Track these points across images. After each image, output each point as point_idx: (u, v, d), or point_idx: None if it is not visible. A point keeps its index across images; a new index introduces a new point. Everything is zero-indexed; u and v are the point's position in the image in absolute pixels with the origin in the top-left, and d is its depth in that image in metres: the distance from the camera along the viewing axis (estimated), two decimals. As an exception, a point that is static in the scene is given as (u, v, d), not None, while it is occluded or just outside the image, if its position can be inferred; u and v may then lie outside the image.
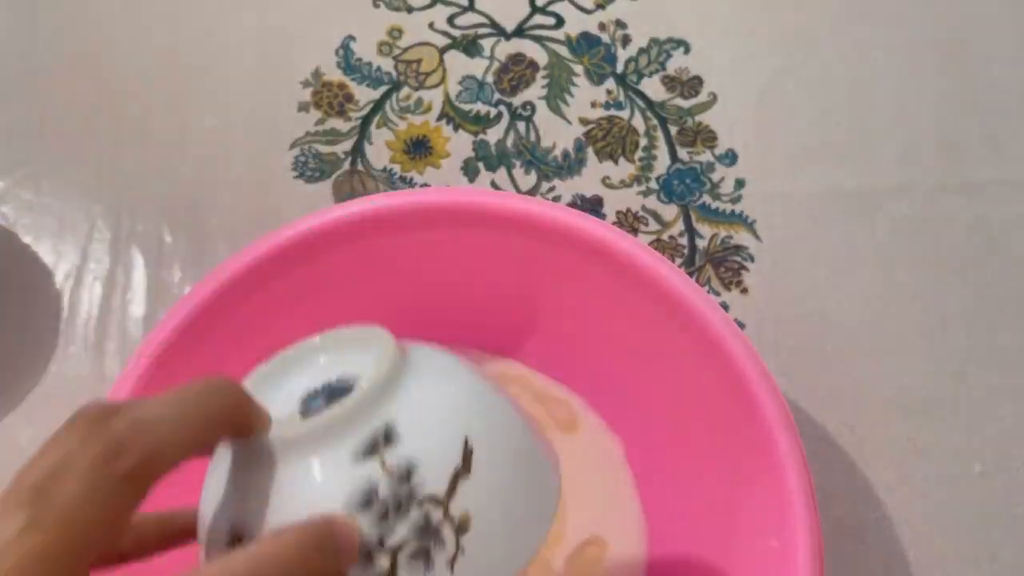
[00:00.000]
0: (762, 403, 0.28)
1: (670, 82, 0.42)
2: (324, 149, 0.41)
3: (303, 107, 0.41)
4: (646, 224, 0.40)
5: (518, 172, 0.40)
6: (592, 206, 0.40)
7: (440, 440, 0.19)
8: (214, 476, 0.21)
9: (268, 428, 0.19)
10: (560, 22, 0.43)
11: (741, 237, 0.39)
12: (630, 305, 0.31)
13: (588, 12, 0.43)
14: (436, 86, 0.42)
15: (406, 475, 0.19)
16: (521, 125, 0.41)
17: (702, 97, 0.41)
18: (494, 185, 0.40)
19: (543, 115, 0.41)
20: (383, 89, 0.42)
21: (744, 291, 0.39)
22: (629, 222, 0.40)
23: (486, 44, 0.42)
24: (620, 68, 0.42)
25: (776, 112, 0.41)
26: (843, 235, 0.39)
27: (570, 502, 0.34)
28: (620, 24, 0.43)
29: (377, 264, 0.32)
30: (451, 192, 0.35)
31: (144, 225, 0.40)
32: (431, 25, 0.43)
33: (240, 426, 0.19)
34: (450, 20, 0.43)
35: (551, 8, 0.43)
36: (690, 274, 0.39)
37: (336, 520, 0.18)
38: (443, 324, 0.35)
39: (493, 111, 0.41)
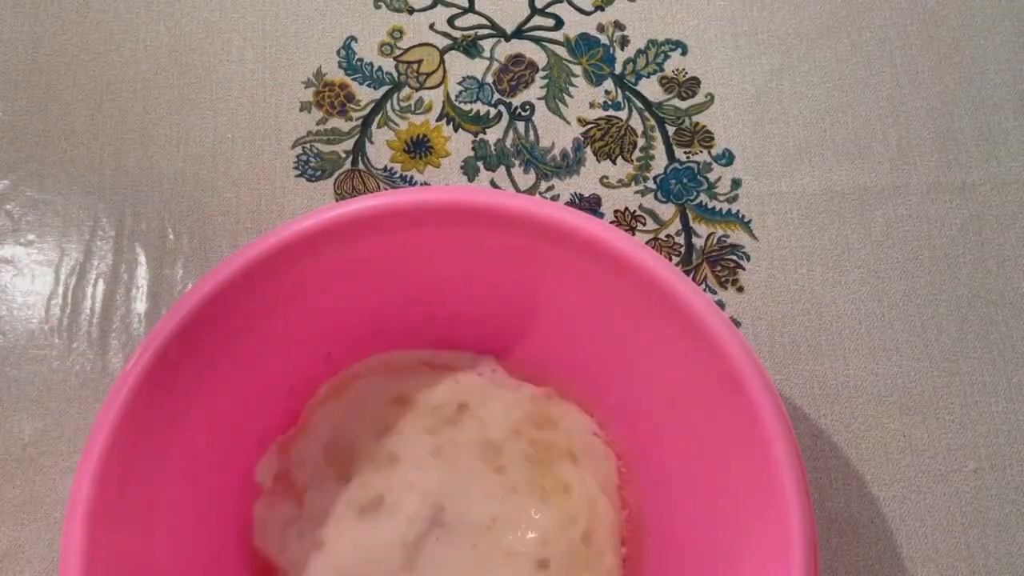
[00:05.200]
0: (757, 400, 0.28)
1: (667, 83, 0.42)
2: (325, 148, 0.41)
3: (305, 107, 0.42)
4: (643, 223, 0.40)
5: (517, 171, 0.41)
6: (590, 205, 0.40)
7: None
8: None
9: None
10: (559, 23, 0.43)
11: (737, 236, 0.40)
12: (626, 303, 0.31)
13: (587, 14, 0.43)
14: (436, 86, 0.42)
15: None
16: (520, 125, 0.41)
17: (699, 98, 0.42)
18: (493, 184, 0.41)
19: (542, 115, 0.42)
20: (384, 89, 0.42)
21: (740, 289, 0.39)
22: (627, 221, 0.40)
23: (486, 45, 0.43)
24: (618, 69, 0.42)
25: (772, 113, 0.41)
26: (838, 234, 0.40)
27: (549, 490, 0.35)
28: (618, 25, 0.43)
29: (378, 261, 0.32)
30: (451, 191, 0.35)
31: (147, 223, 0.40)
32: (432, 26, 0.43)
33: None
34: (450, 21, 0.43)
35: (550, 10, 0.43)
36: (687, 272, 0.39)
37: None
38: (443, 324, 0.36)
39: (493, 111, 0.42)
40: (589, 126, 0.41)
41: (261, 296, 0.31)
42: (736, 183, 0.40)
